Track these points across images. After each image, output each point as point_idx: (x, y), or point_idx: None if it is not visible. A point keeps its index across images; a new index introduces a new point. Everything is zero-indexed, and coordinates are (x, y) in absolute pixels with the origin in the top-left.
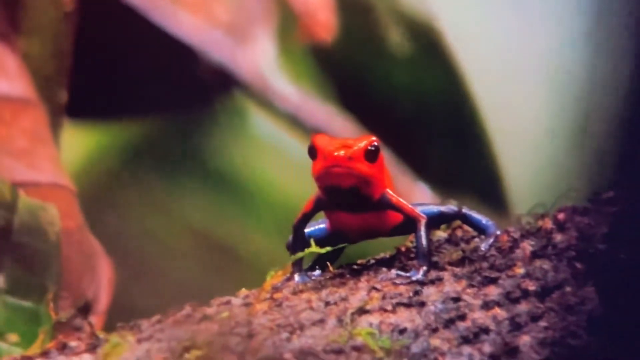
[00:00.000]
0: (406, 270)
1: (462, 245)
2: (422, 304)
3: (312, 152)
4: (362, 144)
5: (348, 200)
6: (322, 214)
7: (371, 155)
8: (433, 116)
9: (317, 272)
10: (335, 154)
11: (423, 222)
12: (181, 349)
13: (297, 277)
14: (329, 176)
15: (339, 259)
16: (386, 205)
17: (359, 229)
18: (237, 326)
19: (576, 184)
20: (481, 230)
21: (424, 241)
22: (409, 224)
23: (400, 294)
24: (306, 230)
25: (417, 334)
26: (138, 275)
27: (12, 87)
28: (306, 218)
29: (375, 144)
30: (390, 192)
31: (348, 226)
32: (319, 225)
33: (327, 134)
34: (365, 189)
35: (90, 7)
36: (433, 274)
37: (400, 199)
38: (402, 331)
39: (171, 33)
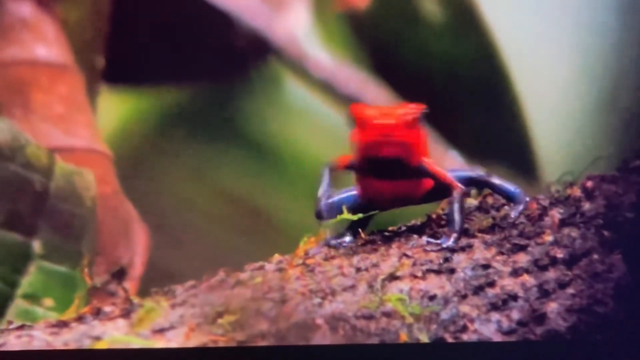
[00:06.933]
0: (437, 237)
1: (493, 212)
2: (452, 271)
3: (354, 121)
4: (406, 111)
5: (388, 168)
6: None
7: (413, 123)
8: (465, 84)
9: (348, 238)
10: (381, 122)
11: (459, 191)
12: (215, 314)
13: (331, 241)
14: (374, 145)
15: (369, 226)
16: (423, 173)
17: (391, 196)
18: (270, 291)
19: (605, 152)
20: (509, 197)
21: (457, 209)
22: (439, 191)
23: (431, 261)
24: (337, 197)
25: (446, 301)
26: (173, 241)
27: (50, 53)
28: (335, 169)
29: (419, 111)
30: (427, 160)
31: (380, 193)
32: (349, 192)
33: (365, 103)
34: (406, 157)
35: None
36: (463, 241)
37: (437, 167)
38: (432, 297)
39: (207, 0)
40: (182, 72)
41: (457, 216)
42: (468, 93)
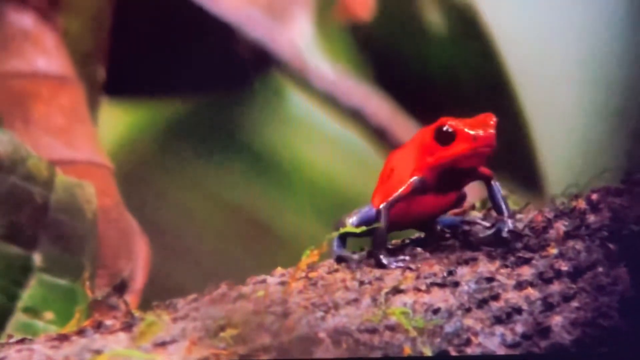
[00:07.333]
0: (442, 251)
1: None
2: (456, 284)
3: (448, 135)
4: (494, 122)
5: (466, 178)
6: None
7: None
8: (468, 95)
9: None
10: (486, 134)
11: (492, 176)
12: (217, 327)
13: (384, 260)
14: (475, 157)
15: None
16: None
17: (440, 210)
18: (272, 305)
19: (610, 164)
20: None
21: (499, 195)
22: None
23: (435, 274)
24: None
25: (450, 314)
26: (174, 254)
27: (51, 65)
28: (400, 200)
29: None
30: None
31: (430, 208)
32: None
33: (453, 118)
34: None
35: None
36: (467, 254)
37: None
38: (436, 311)
39: (210, 11)
40: (183, 83)
41: (502, 201)
42: (472, 104)
